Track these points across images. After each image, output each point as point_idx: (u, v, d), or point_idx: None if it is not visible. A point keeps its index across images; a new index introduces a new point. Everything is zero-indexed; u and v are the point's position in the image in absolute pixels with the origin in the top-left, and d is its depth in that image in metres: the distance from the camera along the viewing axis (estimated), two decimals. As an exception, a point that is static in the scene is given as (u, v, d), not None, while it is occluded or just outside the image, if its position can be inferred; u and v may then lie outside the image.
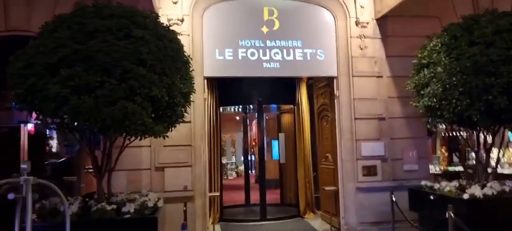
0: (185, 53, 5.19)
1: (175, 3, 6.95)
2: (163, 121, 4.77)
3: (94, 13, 4.47)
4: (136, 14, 4.52)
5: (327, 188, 7.96)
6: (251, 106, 10.72)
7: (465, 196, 5.17)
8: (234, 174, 20.13)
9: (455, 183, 5.83)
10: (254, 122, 12.85)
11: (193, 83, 5.40)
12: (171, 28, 6.67)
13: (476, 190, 5.20)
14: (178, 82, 4.75)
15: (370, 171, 7.34)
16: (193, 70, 5.47)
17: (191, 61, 5.37)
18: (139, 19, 4.48)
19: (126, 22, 4.39)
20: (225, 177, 19.99)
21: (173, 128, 5.17)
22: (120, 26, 4.35)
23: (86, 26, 4.24)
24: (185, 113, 5.36)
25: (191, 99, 6.72)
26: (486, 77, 4.95)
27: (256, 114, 9.79)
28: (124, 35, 4.34)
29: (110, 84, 4.14)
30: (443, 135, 12.86)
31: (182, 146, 6.90)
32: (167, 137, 4.86)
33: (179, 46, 4.95)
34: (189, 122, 6.89)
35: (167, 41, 4.68)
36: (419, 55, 6.11)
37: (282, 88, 9.48)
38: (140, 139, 4.89)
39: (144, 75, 4.28)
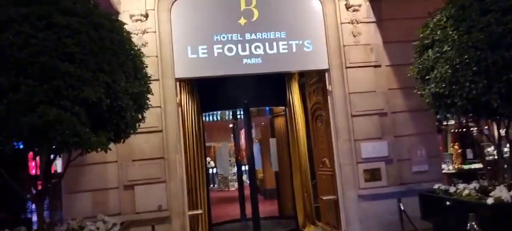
0: (134, 46, 4.28)
1: (138, -4, 6.09)
2: (107, 130, 3.85)
3: (14, 1, 3.59)
4: (63, -1, 3.61)
5: (325, 198, 6.99)
6: (239, 110, 9.79)
7: (489, 201, 4.18)
8: (236, 185, 19.29)
9: (474, 185, 4.85)
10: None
11: (148, 83, 4.49)
12: (134, 25, 6.00)
13: (502, 192, 4.21)
14: (123, 81, 3.83)
15: (373, 175, 6.37)
16: (146, 66, 4.55)
17: (143, 55, 4.45)
18: (66, 4, 3.57)
19: (49, 9, 3.49)
20: (226, 189, 19.21)
21: (123, 140, 4.23)
22: (41, 14, 3.46)
23: (-4, 16, 3.35)
24: (141, 120, 4.46)
25: (161, 105, 6.01)
26: (505, 51, 4.00)
27: (243, 119, 8.83)
28: (45, 25, 3.45)
29: (27, 86, 3.24)
30: (453, 130, 11.90)
31: (154, 159, 6.03)
32: (110, 149, 3.93)
33: (123, 38, 4.04)
34: (161, 131, 6.03)
35: (105, 31, 3.77)
36: (421, 35, 5.16)
37: (271, 89, 8.60)
38: (97, 151, 3.95)
39: (72, 72, 3.39)
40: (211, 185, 18.73)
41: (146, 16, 6.10)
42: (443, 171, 7.87)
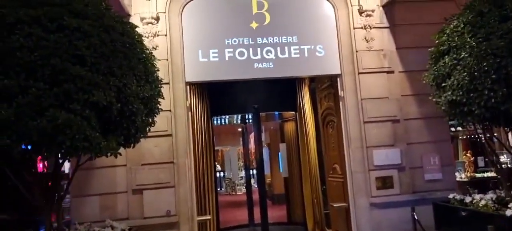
0: (145, 49, 4.22)
1: (149, -1, 6.05)
2: (117, 134, 3.78)
3: (23, 3, 3.54)
4: (74, 0, 3.56)
5: (336, 205, 6.86)
6: (249, 114, 9.70)
7: (508, 212, 4.05)
8: (243, 189, 19.20)
9: (491, 195, 4.70)
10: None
11: (159, 86, 4.43)
12: (144, 28, 5.96)
13: (521, 204, 4.06)
14: (134, 85, 3.77)
15: (385, 182, 6.23)
16: (158, 70, 4.49)
17: (154, 59, 4.39)
18: (77, 6, 3.52)
19: (60, 11, 3.44)
20: (233, 193, 19.11)
21: (133, 144, 4.17)
22: (52, 16, 3.41)
23: (5, 17, 3.30)
24: (152, 125, 4.40)
25: (171, 108, 5.95)
26: (526, 58, 3.86)
27: (253, 123, 8.75)
28: (57, 27, 3.40)
29: (37, 90, 3.19)
30: (464, 136, 11.70)
31: (163, 163, 5.96)
32: (120, 154, 3.86)
33: (134, 40, 3.98)
34: (170, 135, 5.97)
35: (117, 34, 3.72)
36: (437, 41, 5.04)
37: (281, 93, 8.50)
38: (107, 156, 3.89)
39: (83, 76, 3.33)
40: (218, 189, 18.67)
41: (157, 19, 6.05)
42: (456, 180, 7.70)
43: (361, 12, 6.42)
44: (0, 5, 3.50)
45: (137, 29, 4.38)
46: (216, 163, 9.33)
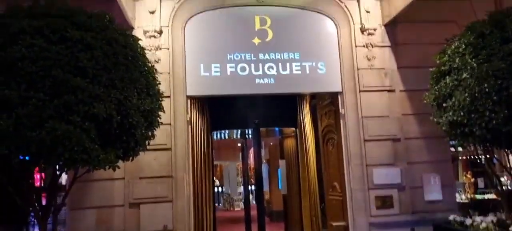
0: (147, 62, 4.23)
1: (152, 13, 6.08)
2: (116, 147, 3.76)
3: (26, 14, 3.56)
4: (77, 12, 3.57)
5: (335, 224, 6.79)
6: (249, 130, 9.65)
7: (510, 236, 3.99)
8: (241, 205, 19.05)
9: (491, 218, 4.64)
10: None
11: (160, 100, 4.42)
12: (147, 41, 5.97)
13: (523, 228, 4.02)
14: (135, 98, 3.76)
15: (385, 202, 6.18)
16: (159, 83, 4.49)
17: (156, 72, 4.39)
18: (81, 18, 3.54)
19: (63, 23, 3.45)
20: (231, 209, 18.94)
21: (132, 158, 4.14)
22: (55, 27, 3.42)
23: (8, 28, 3.31)
24: (151, 138, 4.38)
25: (171, 122, 5.93)
26: (527, 80, 3.87)
27: (253, 139, 8.70)
28: (59, 39, 3.41)
29: (37, 100, 3.18)
30: (465, 157, 11.64)
31: (162, 177, 5.92)
32: (118, 167, 3.83)
33: (136, 53, 3.98)
34: (169, 149, 5.94)
35: (119, 46, 3.73)
36: (438, 61, 5.05)
37: (282, 109, 8.45)
38: (105, 169, 3.84)
39: (84, 87, 3.32)
40: (216, 204, 18.53)
41: (160, 32, 6.07)
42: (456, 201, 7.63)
43: (363, 30, 6.45)
44: (4, 15, 3.52)
45: (140, 42, 4.39)
46: (214, 178, 9.26)
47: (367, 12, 6.47)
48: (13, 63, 3.20)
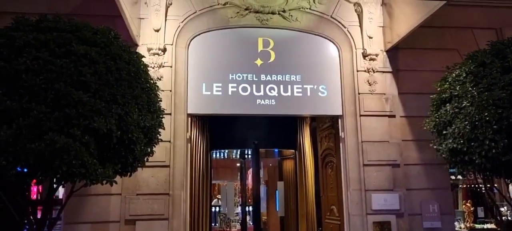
0: (150, 79, 4.25)
1: (157, 31, 6.12)
2: (115, 162, 3.75)
3: (33, 28, 3.61)
4: (83, 28, 3.62)
5: (332, 248, 6.72)
6: (248, 150, 9.65)
7: (509, 268, 3.93)
8: (238, 225, 18.82)
9: (491, 248, 4.59)
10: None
11: (161, 117, 4.43)
12: (151, 58, 6.02)
13: (522, 260, 3.96)
14: (135, 114, 3.77)
15: (383, 228, 6.11)
16: (160, 100, 4.50)
17: (158, 89, 4.42)
18: (86, 34, 3.58)
19: (69, 37, 3.49)
20: (228, 229, 18.70)
21: (130, 173, 4.12)
22: (61, 42, 3.46)
23: (14, 40, 3.35)
24: (150, 154, 4.36)
25: (171, 139, 5.92)
26: (527, 111, 3.88)
27: (252, 159, 8.69)
28: (64, 53, 3.44)
29: (38, 112, 3.19)
30: (465, 186, 11.56)
31: (159, 194, 5.85)
32: (116, 182, 3.81)
33: (139, 70, 4.02)
34: (168, 166, 5.91)
35: (123, 62, 3.76)
36: (439, 89, 5.08)
37: (282, 131, 8.49)
38: (103, 184, 3.82)
39: (85, 101, 3.34)
40: (213, 224, 18.30)
41: (164, 50, 6.11)
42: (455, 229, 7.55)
43: (365, 55, 6.50)
44: (11, 28, 3.57)
45: (143, 59, 4.43)
46: (212, 197, 9.21)
47: (370, 37, 6.52)
48: (17, 75, 3.22)
